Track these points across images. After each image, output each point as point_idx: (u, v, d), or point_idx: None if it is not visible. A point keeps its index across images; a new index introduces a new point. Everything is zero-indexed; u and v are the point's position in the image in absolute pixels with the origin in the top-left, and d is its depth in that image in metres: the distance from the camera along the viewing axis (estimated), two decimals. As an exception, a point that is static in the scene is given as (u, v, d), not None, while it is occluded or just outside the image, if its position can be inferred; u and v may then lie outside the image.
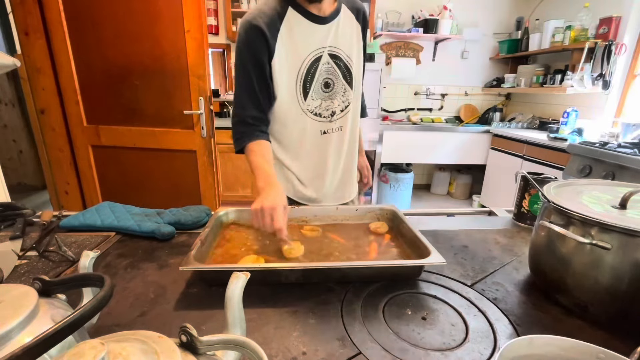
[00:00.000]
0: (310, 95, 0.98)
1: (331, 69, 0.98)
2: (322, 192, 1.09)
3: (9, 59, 0.95)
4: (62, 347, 0.31)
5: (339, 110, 1.03)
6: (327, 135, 1.04)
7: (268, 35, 0.88)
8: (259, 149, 0.93)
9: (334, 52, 0.97)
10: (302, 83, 0.96)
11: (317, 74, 0.96)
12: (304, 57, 0.94)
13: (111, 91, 1.98)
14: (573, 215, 0.57)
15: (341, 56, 0.99)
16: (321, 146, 1.05)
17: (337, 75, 1.00)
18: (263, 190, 0.81)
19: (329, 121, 1.03)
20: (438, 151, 3.56)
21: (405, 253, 0.77)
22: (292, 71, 0.94)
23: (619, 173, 2.05)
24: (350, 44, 1.00)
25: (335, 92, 1.01)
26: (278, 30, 0.90)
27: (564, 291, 0.61)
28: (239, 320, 0.39)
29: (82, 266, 0.44)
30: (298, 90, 0.96)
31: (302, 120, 1.00)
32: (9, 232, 0.83)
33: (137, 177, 2.17)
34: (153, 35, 1.88)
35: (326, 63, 0.97)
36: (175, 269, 0.70)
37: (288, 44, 0.92)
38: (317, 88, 0.98)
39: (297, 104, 0.97)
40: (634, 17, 2.65)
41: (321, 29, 0.94)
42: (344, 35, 0.99)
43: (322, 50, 0.96)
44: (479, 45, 3.83)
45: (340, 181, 1.12)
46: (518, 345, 0.41)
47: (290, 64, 0.93)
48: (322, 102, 1.00)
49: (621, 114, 2.85)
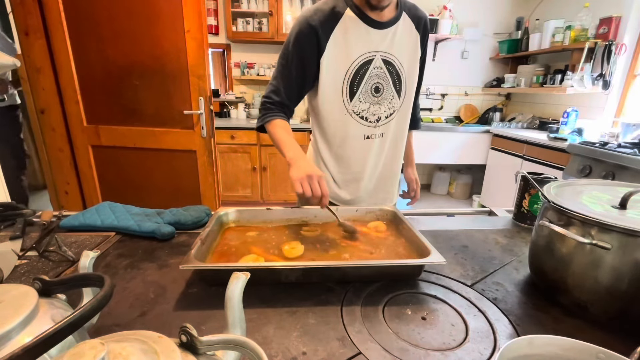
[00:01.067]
0: (357, 97, 0.98)
1: (382, 74, 0.98)
2: (357, 195, 1.09)
3: (8, 59, 0.95)
4: (62, 347, 0.31)
5: (384, 117, 1.03)
6: (370, 140, 1.04)
7: (320, 33, 0.91)
8: (284, 125, 0.98)
9: (387, 57, 0.97)
10: (349, 83, 0.96)
11: (366, 76, 0.96)
12: (355, 57, 0.94)
13: (111, 91, 1.98)
14: (573, 215, 0.57)
15: (394, 63, 0.98)
16: (363, 151, 1.05)
17: (388, 81, 0.99)
18: (297, 160, 0.86)
19: (374, 126, 1.03)
20: (438, 151, 3.56)
21: (405, 253, 0.77)
22: (341, 71, 0.95)
23: (619, 173, 2.05)
24: (405, 52, 1.00)
25: (384, 97, 1.00)
26: (332, 30, 0.92)
27: (564, 291, 0.61)
28: (239, 320, 0.39)
29: (82, 266, 0.44)
30: (344, 90, 0.97)
31: (345, 121, 1.00)
32: (9, 232, 0.83)
33: (137, 177, 2.17)
34: (153, 35, 1.88)
35: (378, 67, 0.97)
36: (175, 269, 0.70)
37: (340, 44, 0.93)
38: (366, 91, 0.98)
39: (341, 103, 0.98)
40: (634, 17, 2.65)
41: (377, 33, 0.94)
42: (401, 42, 0.98)
43: (375, 54, 0.95)
44: (479, 45, 3.83)
45: (375, 187, 1.12)
46: (518, 345, 0.41)
47: (339, 64, 0.94)
48: (371, 106, 1.00)
49: (621, 114, 2.85)
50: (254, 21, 3.42)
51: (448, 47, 3.80)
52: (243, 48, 3.72)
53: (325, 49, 0.92)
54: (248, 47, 3.72)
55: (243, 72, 3.68)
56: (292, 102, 1.01)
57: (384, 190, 1.14)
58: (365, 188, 1.10)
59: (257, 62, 3.70)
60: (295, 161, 0.87)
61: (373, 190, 1.12)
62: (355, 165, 1.07)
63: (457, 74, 3.93)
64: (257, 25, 3.44)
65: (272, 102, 0.99)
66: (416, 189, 1.25)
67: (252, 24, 3.43)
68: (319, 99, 0.99)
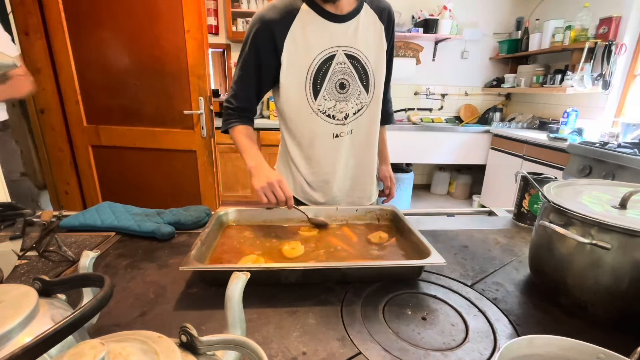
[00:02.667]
0: (322, 95, 0.95)
1: (347, 70, 0.95)
2: (331, 196, 1.06)
3: (8, 59, 0.95)
4: (62, 347, 0.31)
5: (352, 114, 0.99)
6: (339, 138, 1.01)
7: (276, 31, 0.88)
8: (246, 132, 0.99)
9: (350, 52, 0.94)
10: (312, 81, 0.93)
11: (329, 73, 0.94)
12: (315, 54, 0.92)
13: (111, 91, 1.98)
14: (573, 215, 0.57)
15: (359, 57, 0.95)
16: (333, 150, 1.02)
17: (353, 76, 0.96)
18: (258, 168, 0.88)
19: (342, 124, 0.99)
20: (438, 151, 3.56)
21: (405, 253, 0.77)
22: (302, 69, 0.92)
23: (619, 173, 2.05)
24: (370, 45, 0.97)
25: (351, 94, 0.97)
26: (289, 27, 0.89)
27: (564, 291, 0.61)
28: (239, 320, 0.39)
29: (82, 266, 0.44)
30: (308, 89, 0.94)
31: (312, 120, 0.97)
32: (9, 232, 0.83)
33: (137, 177, 2.17)
34: (153, 35, 1.88)
35: (341, 63, 0.94)
36: (175, 269, 0.70)
37: (299, 40, 0.90)
38: (330, 88, 0.95)
39: (306, 102, 0.95)
40: (634, 17, 2.65)
41: (337, 27, 0.92)
42: (364, 35, 0.95)
43: (337, 49, 0.93)
44: (479, 45, 3.83)
45: (351, 187, 1.09)
46: (518, 345, 0.41)
47: (300, 61, 0.92)
48: (337, 103, 0.97)
49: (621, 114, 2.85)
50: (254, 21, 3.42)
51: (448, 47, 3.80)
52: (243, 48, 3.72)
53: (283, 47, 0.90)
54: (248, 47, 3.71)
55: (243, 72, 3.68)
56: (252, 104, 1.00)
57: (360, 189, 1.11)
58: (339, 188, 1.07)
59: (257, 62, 3.70)
60: (256, 169, 0.88)
61: (349, 189, 1.09)
62: (326, 165, 1.03)
63: (457, 74, 3.93)
64: (257, 25, 3.44)
65: (233, 108, 0.99)
66: (391, 187, 1.22)
67: (252, 24, 3.43)
68: (282, 99, 0.97)
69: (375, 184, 1.16)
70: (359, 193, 1.11)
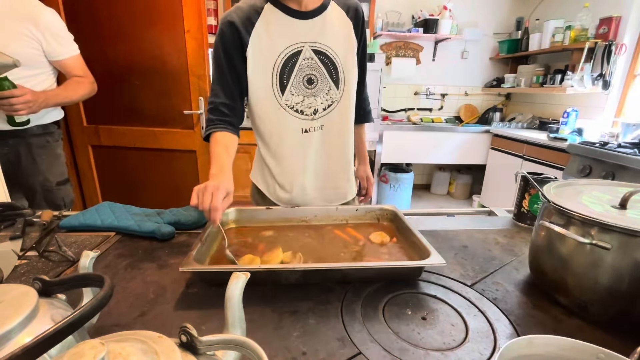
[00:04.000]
0: (288, 90, 0.95)
1: (314, 65, 0.95)
2: (304, 197, 1.04)
3: (8, 59, 0.95)
4: (62, 347, 0.31)
5: (321, 109, 0.99)
6: (309, 134, 1.00)
7: (241, 29, 0.89)
8: (223, 140, 0.93)
9: (317, 47, 0.94)
10: (278, 76, 0.94)
11: (296, 68, 0.94)
12: (280, 50, 0.92)
13: (111, 91, 1.98)
14: (573, 215, 0.57)
15: (327, 52, 0.95)
16: (302, 146, 1.01)
17: (322, 71, 0.96)
18: (215, 175, 0.82)
19: (311, 119, 0.99)
20: (438, 151, 3.56)
21: (405, 253, 0.77)
22: (268, 65, 0.93)
23: (619, 173, 2.05)
24: (339, 41, 0.96)
25: (319, 89, 0.97)
26: (253, 25, 0.90)
27: (564, 291, 0.61)
28: (239, 320, 0.39)
29: (82, 266, 0.44)
30: (274, 84, 0.94)
31: (280, 116, 0.97)
32: (9, 232, 0.83)
33: (137, 177, 2.17)
34: (153, 35, 1.88)
35: (308, 58, 0.94)
36: (175, 269, 0.70)
37: (264, 38, 0.91)
38: (297, 83, 0.95)
39: (273, 98, 0.95)
40: (634, 17, 2.65)
41: (302, 23, 0.92)
42: (332, 31, 0.95)
43: (303, 44, 0.93)
44: (479, 45, 3.83)
45: (323, 185, 1.07)
46: (518, 345, 0.41)
47: (265, 58, 0.93)
48: (305, 98, 0.97)
49: (621, 114, 2.85)
50: (254, 21, 3.42)
51: (448, 47, 3.80)
52: (243, 48, 3.72)
53: (248, 42, 0.91)
54: (248, 47, 3.71)
55: (243, 72, 3.68)
56: (235, 102, 0.97)
57: (331, 186, 1.08)
58: (312, 186, 1.05)
59: (257, 62, 3.70)
60: (212, 176, 0.82)
61: (321, 187, 1.07)
62: (295, 162, 1.02)
63: (457, 74, 3.93)
64: (257, 25, 3.44)
65: (214, 108, 0.96)
66: (368, 187, 1.21)
67: (252, 24, 3.43)
68: (251, 97, 0.97)
69: (353, 182, 1.14)
70: (331, 191, 1.09)
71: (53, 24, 1.35)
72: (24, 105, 1.23)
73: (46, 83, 1.41)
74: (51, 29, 1.34)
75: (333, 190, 1.09)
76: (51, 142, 1.50)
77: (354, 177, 1.15)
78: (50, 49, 1.36)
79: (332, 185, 1.08)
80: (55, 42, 1.37)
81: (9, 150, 1.40)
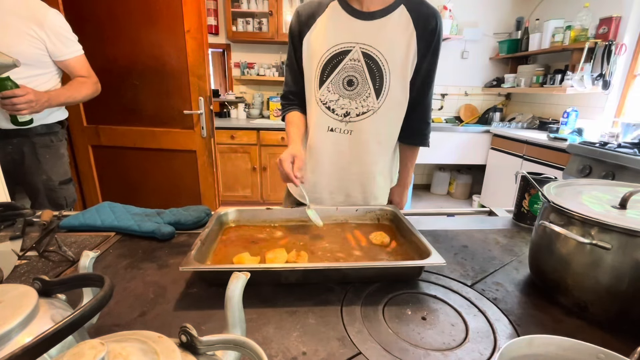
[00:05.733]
0: (326, 86, 0.96)
1: (359, 67, 0.92)
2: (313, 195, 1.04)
3: (8, 59, 0.95)
4: (62, 347, 0.31)
5: (354, 114, 0.96)
6: (334, 134, 0.99)
7: (303, 22, 0.97)
8: (291, 119, 1.06)
9: (368, 50, 0.91)
10: (320, 71, 0.96)
11: (339, 66, 0.93)
12: (330, 46, 0.94)
13: (111, 91, 1.98)
14: (573, 215, 0.57)
15: (376, 57, 0.91)
16: (323, 143, 1.01)
17: (365, 76, 0.93)
18: (286, 149, 0.93)
19: (340, 120, 0.98)
20: (438, 151, 3.56)
21: (405, 253, 0.77)
22: (315, 58, 0.97)
23: (619, 173, 2.05)
24: (393, 48, 0.91)
25: (358, 93, 0.94)
26: (315, 19, 0.95)
27: (564, 291, 0.61)
28: (239, 320, 0.39)
29: (82, 266, 0.44)
30: (315, 78, 0.98)
31: (314, 108, 1.00)
32: (9, 232, 0.83)
33: (137, 177, 2.17)
34: (153, 35, 1.88)
35: (355, 60, 0.92)
36: (175, 269, 0.70)
37: (320, 31, 0.95)
38: (336, 81, 0.95)
39: (312, 90, 1.00)
40: (634, 17, 2.65)
41: (359, 24, 0.91)
42: (390, 37, 0.90)
43: (354, 45, 0.91)
44: (479, 45, 3.83)
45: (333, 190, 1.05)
46: (518, 345, 0.41)
47: (315, 51, 0.96)
48: (341, 98, 0.96)
49: (621, 114, 2.85)
50: (254, 21, 3.43)
51: (448, 47, 3.80)
52: (243, 48, 3.72)
53: (305, 36, 0.97)
54: (248, 47, 3.71)
55: (243, 72, 3.68)
56: (301, 87, 1.05)
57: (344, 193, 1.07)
58: (323, 186, 1.05)
59: (257, 62, 3.70)
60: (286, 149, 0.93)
61: (332, 192, 1.07)
62: (314, 157, 1.04)
63: (457, 74, 3.93)
64: (257, 25, 3.44)
65: (284, 95, 1.10)
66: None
67: (252, 24, 3.43)
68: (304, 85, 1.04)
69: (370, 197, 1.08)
70: (341, 197, 1.07)
71: (57, 25, 1.36)
72: (26, 105, 1.23)
73: (50, 83, 1.41)
74: (55, 29, 1.35)
75: (344, 198, 1.08)
76: (55, 141, 1.50)
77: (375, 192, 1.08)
78: (55, 49, 1.37)
79: (343, 192, 1.07)
80: (59, 42, 1.37)
81: (13, 149, 1.40)
